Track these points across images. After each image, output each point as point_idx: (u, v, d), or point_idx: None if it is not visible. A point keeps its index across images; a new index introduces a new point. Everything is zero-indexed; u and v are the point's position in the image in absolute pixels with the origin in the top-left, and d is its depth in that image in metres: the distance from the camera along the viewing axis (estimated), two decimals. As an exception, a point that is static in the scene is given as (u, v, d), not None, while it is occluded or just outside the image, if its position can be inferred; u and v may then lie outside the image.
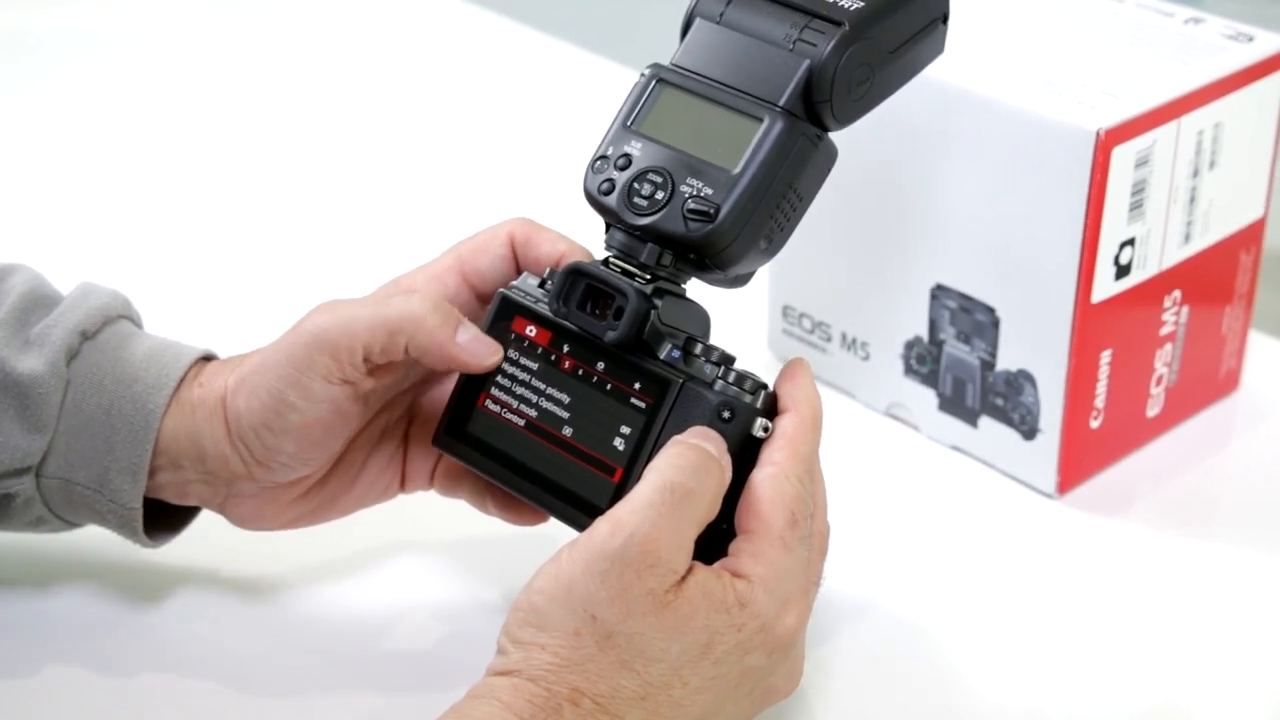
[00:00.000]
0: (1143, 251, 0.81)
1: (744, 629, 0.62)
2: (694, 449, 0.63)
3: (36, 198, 1.13)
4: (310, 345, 0.68)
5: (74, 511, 0.72)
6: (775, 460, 0.64)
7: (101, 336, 0.71)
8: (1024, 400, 0.83)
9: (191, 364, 0.71)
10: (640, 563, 0.61)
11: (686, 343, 0.66)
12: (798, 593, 0.64)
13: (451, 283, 0.71)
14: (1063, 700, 0.73)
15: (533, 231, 0.72)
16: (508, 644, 0.62)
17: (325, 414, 0.69)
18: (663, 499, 0.61)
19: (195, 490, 0.72)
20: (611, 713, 0.61)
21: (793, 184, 0.66)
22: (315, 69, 1.31)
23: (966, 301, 0.83)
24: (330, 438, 0.70)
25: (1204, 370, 0.88)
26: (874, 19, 0.66)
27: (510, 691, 0.61)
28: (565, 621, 0.61)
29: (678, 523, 0.61)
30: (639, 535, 0.61)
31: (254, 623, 0.76)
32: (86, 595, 0.77)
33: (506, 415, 0.69)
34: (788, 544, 0.64)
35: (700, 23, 0.68)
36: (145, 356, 0.71)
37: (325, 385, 0.68)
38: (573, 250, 0.71)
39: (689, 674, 0.62)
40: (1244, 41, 0.82)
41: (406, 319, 0.68)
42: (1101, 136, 0.76)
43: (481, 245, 0.72)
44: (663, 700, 0.62)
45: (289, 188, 1.14)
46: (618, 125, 0.68)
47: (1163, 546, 0.81)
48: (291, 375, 0.68)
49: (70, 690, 0.72)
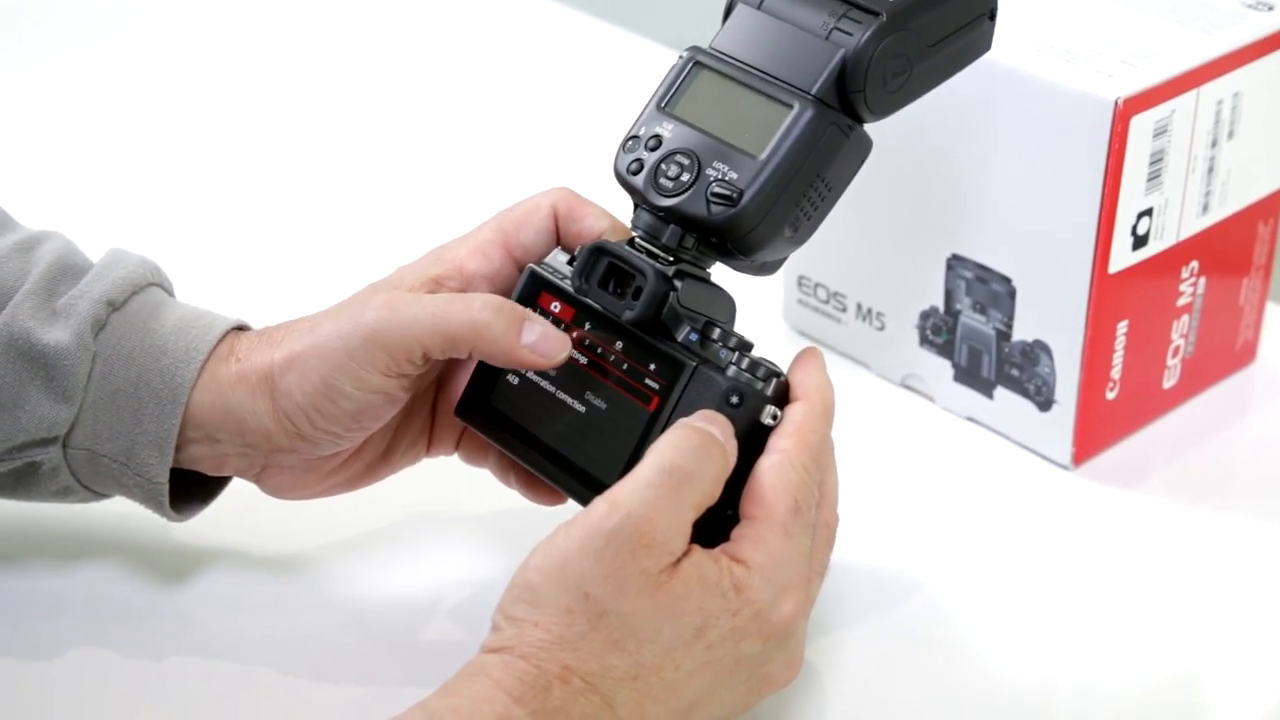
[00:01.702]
0: (1160, 222, 0.81)
1: (739, 614, 0.62)
2: (698, 431, 0.63)
3: (70, 164, 1.13)
4: (370, 340, 0.67)
5: (101, 483, 0.71)
6: (782, 448, 0.64)
7: (130, 307, 0.71)
8: (1040, 371, 0.83)
9: (222, 336, 0.70)
10: (635, 542, 0.60)
11: (705, 326, 0.66)
12: (797, 581, 0.64)
13: (496, 256, 0.71)
14: (1077, 671, 0.73)
15: (576, 204, 0.71)
16: (501, 620, 0.62)
17: (377, 402, 0.68)
18: (661, 480, 0.61)
19: (232, 462, 0.71)
20: (601, 692, 0.61)
21: (821, 173, 0.66)
22: (349, 37, 1.30)
23: (983, 271, 0.83)
24: (376, 420, 0.70)
25: (1221, 342, 0.88)
26: (913, 11, 0.66)
27: (501, 668, 0.60)
28: (558, 599, 0.61)
29: (675, 505, 0.61)
30: (635, 515, 0.60)
31: (280, 601, 0.75)
32: (111, 574, 0.76)
33: (527, 390, 0.69)
34: (789, 531, 0.63)
35: (741, 7, 0.68)
36: (174, 328, 0.70)
37: (382, 379, 0.68)
38: (614, 228, 0.71)
39: (681, 656, 0.62)
40: (1264, 10, 0.82)
41: (469, 328, 0.66)
42: (1120, 106, 0.76)
43: (524, 218, 0.71)
44: (654, 682, 0.61)
45: (321, 155, 1.14)
46: (652, 106, 0.68)
47: (1178, 518, 0.81)
48: (349, 366, 0.67)
49: (93, 669, 0.72)
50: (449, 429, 0.74)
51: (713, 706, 0.63)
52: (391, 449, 0.73)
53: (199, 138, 1.16)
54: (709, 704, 0.63)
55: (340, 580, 0.77)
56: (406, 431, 0.73)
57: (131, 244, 0.75)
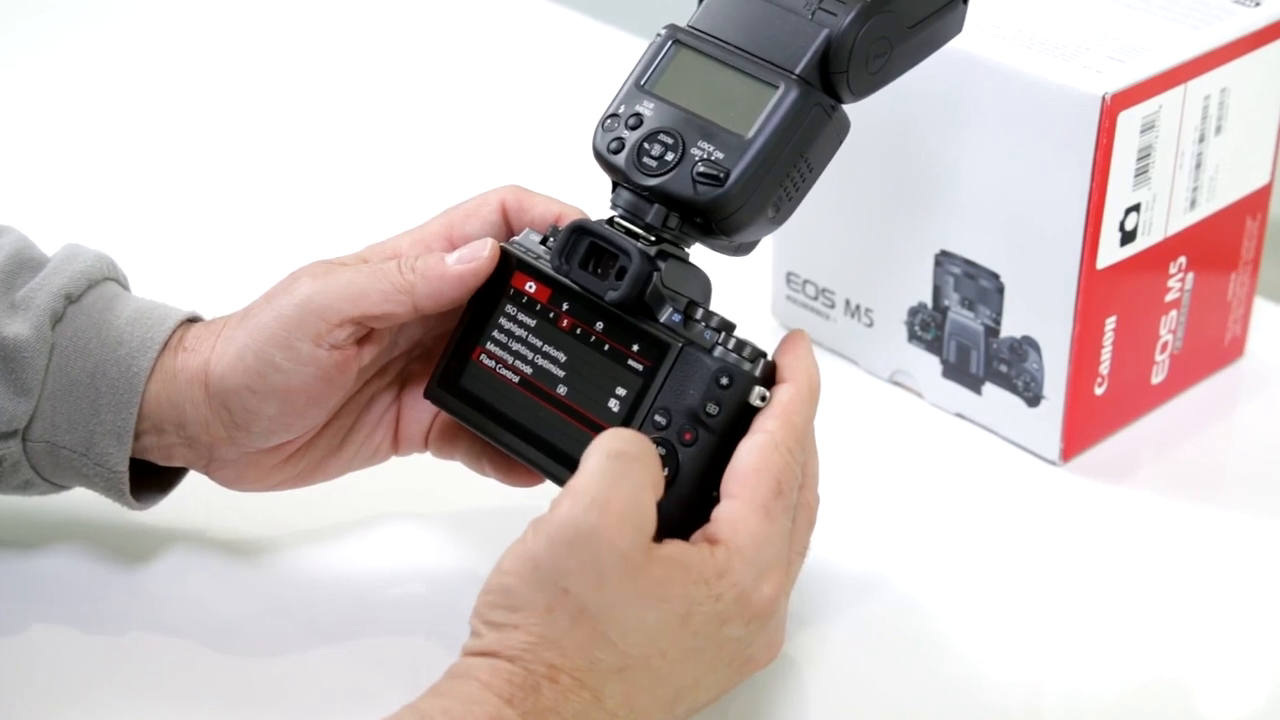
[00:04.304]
0: (1148, 217, 0.81)
1: (722, 599, 0.62)
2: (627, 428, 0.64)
3: (26, 160, 1.12)
4: (302, 307, 0.68)
5: (61, 475, 0.72)
6: (767, 429, 0.64)
7: (86, 300, 0.71)
8: (1028, 367, 0.83)
9: (176, 327, 0.71)
10: (604, 524, 0.60)
11: (688, 307, 0.66)
12: (777, 562, 0.64)
13: (439, 248, 0.71)
14: (1064, 666, 0.73)
15: (524, 197, 0.72)
16: (480, 626, 0.62)
17: (310, 380, 0.68)
18: (612, 465, 0.61)
19: (179, 453, 0.72)
20: (591, 687, 0.60)
21: (804, 154, 0.66)
22: (305, 31, 1.30)
23: (971, 268, 0.83)
24: (313, 406, 0.70)
25: (1209, 337, 0.88)
26: None
27: (488, 671, 0.60)
28: (536, 599, 0.60)
29: (632, 484, 0.61)
30: (599, 498, 0.60)
31: (242, 585, 0.76)
32: (75, 555, 0.77)
33: (501, 370, 0.69)
34: (770, 513, 0.63)
35: None
36: (130, 320, 0.71)
37: (312, 348, 0.68)
38: (568, 211, 0.71)
39: (667, 644, 0.61)
40: (1251, 6, 0.82)
41: (398, 276, 0.68)
42: (1107, 101, 0.76)
43: (472, 211, 0.72)
44: (642, 672, 0.61)
45: (278, 151, 1.14)
46: (630, 84, 0.68)
47: (1167, 514, 0.81)
48: (279, 335, 0.68)
49: (57, 649, 0.72)
50: (418, 423, 0.74)
51: (699, 692, 0.63)
52: (344, 446, 0.73)
53: (157, 133, 1.15)
54: (695, 690, 0.63)
55: (302, 565, 0.77)
56: (360, 429, 0.73)
57: (80, 238, 0.75)
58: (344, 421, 0.73)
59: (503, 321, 0.69)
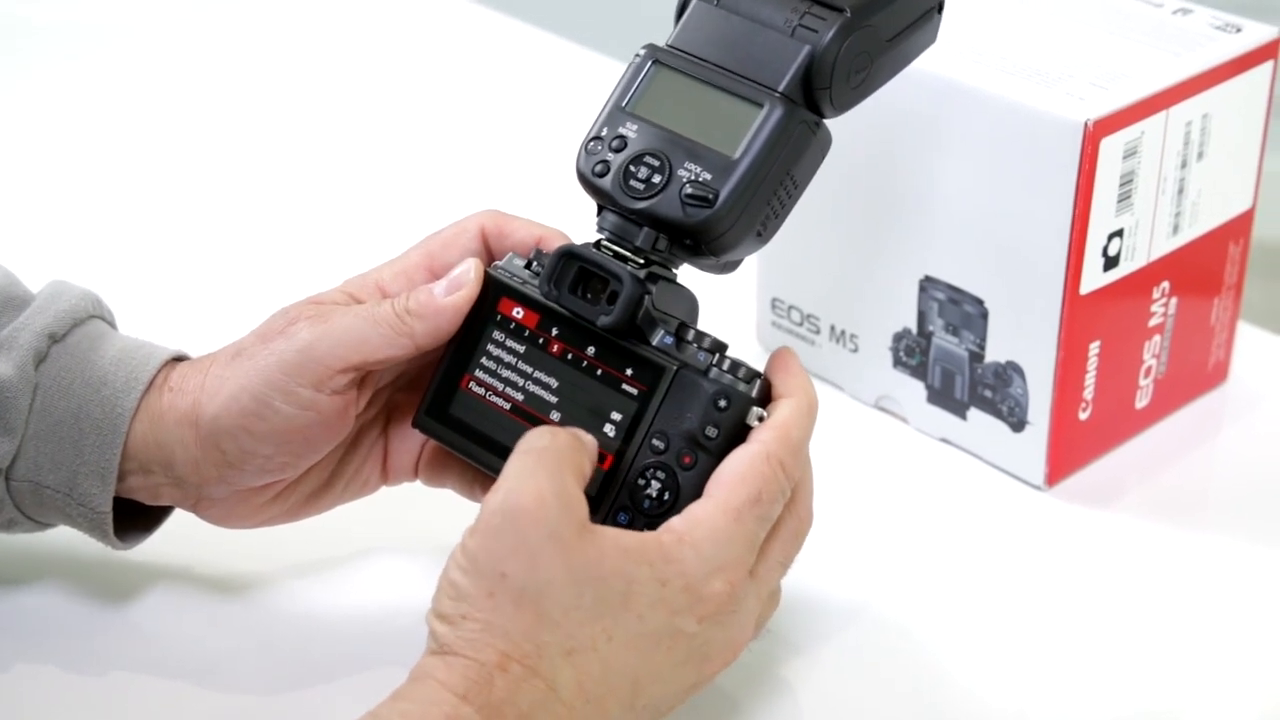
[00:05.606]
0: (1131, 243, 0.81)
1: (668, 585, 0.62)
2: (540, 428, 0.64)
3: (14, 192, 1.12)
4: (303, 353, 0.67)
5: (45, 514, 0.71)
6: (762, 439, 0.64)
7: (70, 339, 0.71)
8: (1013, 392, 0.83)
9: (160, 366, 0.70)
10: (522, 506, 0.60)
11: (679, 329, 0.66)
12: (735, 563, 0.63)
13: (420, 280, 0.70)
14: (1051, 691, 0.73)
15: (504, 222, 0.71)
16: (434, 621, 0.62)
17: (309, 423, 0.68)
18: (532, 458, 0.62)
19: (167, 493, 0.71)
20: (542, 676, 0.60)
21: (789, 171, 0.66)
22: (294, 59, 1.30)
23: (955, 293, 0.83)
24: (309, 448, 0.69)
25: (1193, 362, 0.88)
26: (874, 6, 0.66)
27: (444, 669, 0.60)
28: (478, 586, 0.61)
29: (552, 472, 0.61)
30: (518, 486, 0.61)
31: (232, 620, 0.75)
32: (61, 592, 0.76)
33: (491, 398, 0.68)
34: (740, 517, 0.63)
35: (697, 4, 0.68)
36: (114, 359, 0.70)
37: (312, 394, 0.68)
38: (549, 234, 0.71)
39: (611, 626, 0.61)
40: (1232, 32, 0.82)
41: (392, 316, 0.68)
42: (1090, 127, 0.76)
43: (451, 240, 0.71)
44: (590, 657, 0.61)
45: (265, 181, 1.14)
46: (612, 106, 0.68)
47: (1152, 538, 0.81)
48: (279, 381, 0.67)
49: (43, 689, 0.72)
50: (407, 453, 0.74)
51: (658, 686, 0.63)
52: (333, 480, 0.73)
53: (140, 166, 1.15)
54: (654, 683, 0.63)
55: (288, 600, 0.76)
56: (349, 462, 0.73)
57: (68, 273, 0.74)
58: (333, 456, 0.72)
59: (490, 348, 0.69)
